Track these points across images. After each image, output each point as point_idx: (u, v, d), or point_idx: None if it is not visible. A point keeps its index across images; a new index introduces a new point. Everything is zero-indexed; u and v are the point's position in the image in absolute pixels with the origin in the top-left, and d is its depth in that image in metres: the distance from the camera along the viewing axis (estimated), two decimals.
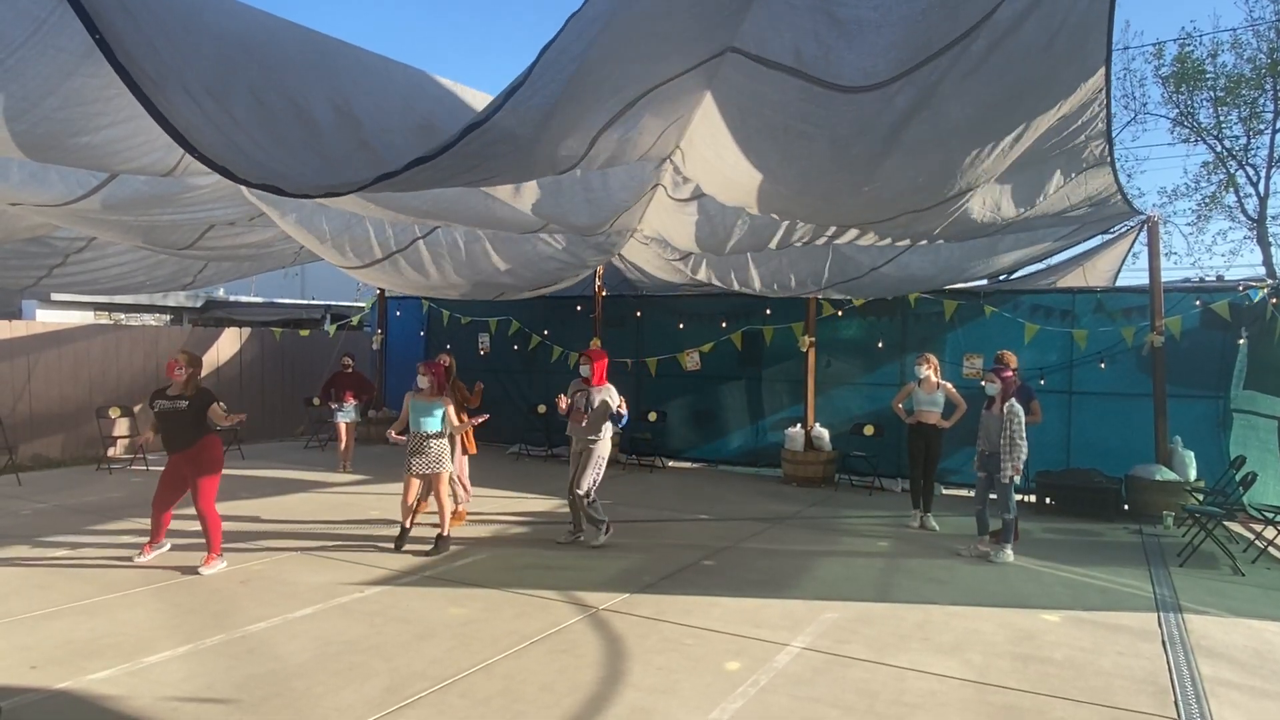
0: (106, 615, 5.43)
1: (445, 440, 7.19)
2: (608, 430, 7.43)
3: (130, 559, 6.67)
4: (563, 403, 7.42)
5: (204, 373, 13.42)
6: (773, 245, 7.99)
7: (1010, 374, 7.39)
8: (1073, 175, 6.34)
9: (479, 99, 5.57)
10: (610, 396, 7.41)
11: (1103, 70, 4.38)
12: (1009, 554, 7.18)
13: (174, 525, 6.93)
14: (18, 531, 7.66)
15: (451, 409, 7.21)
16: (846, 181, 5.18)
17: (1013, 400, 7.18)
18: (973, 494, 7.81)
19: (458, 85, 5.50)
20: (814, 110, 4.17)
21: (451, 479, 7.70)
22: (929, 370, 8.32)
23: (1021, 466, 7.15)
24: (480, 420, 7.94)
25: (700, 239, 7.91)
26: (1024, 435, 7.11)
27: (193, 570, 6.38)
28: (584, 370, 7.51)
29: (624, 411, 7.38)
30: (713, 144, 5.03)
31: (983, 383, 7.50)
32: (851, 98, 4.01)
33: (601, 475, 7.48)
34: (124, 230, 7.35)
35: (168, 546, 6.77)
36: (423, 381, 7.22)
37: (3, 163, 5.40)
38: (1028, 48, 3.86)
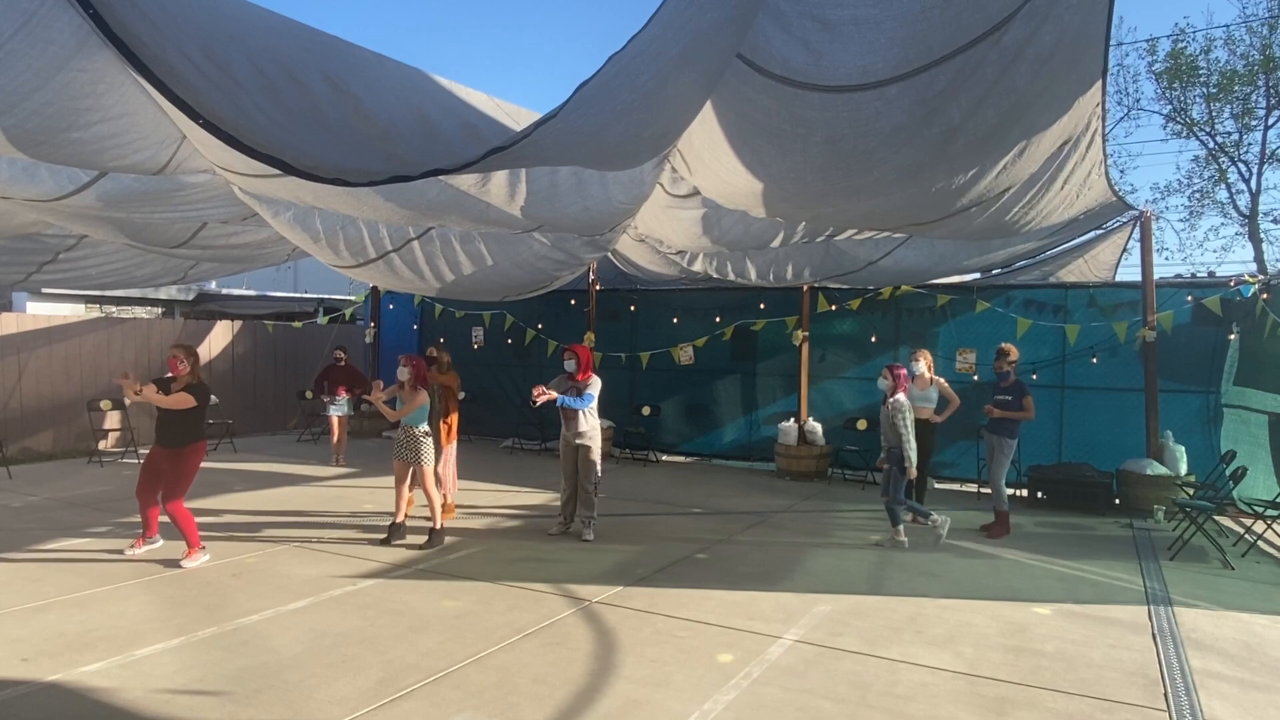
0: (98, 608, 5.42)
1: (426, 432, 7.17)
2: (596, 422, 7.52)
3: (122, 551, 6.66)
4: (542, 395, 7.43)
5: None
6: (775, 244, 7.99)
7: (903, 370, 7.51)
8: (1070, 185, 6.37)
9: (474, 97, 5.56)
10: (596, 388, 7.47)
11: (1099, 84, 4.39)
12: (903, 537, 7.40)
13: (165, 519, 6.91)
14: (8, 524, 7.63)
15: (423, 407, 7.19)
16: (843, 186, 5.18)
17: (899, 396, 7.30)
18: (962, 487, 7.85)
19: (453, 84, 5.48)
20: (807, 113, 4.16)
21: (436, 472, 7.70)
22: (923, 366, 8.33)
23: (914, 460, 7.31)
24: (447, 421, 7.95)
25: (697, 237, 7.92)
26: (909, 426, 7.30)
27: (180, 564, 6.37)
28: (569, 365, 7.49)
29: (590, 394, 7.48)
30: (710, 147, 5.03)
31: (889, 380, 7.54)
32: (848, 97, 4.00)
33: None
34: (115, 228, 7.30)
35: (160, 543, 6.75)
36: (402, 374, 7.15)
37: None
38: (1030, 60, 3.86)
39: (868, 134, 4.36)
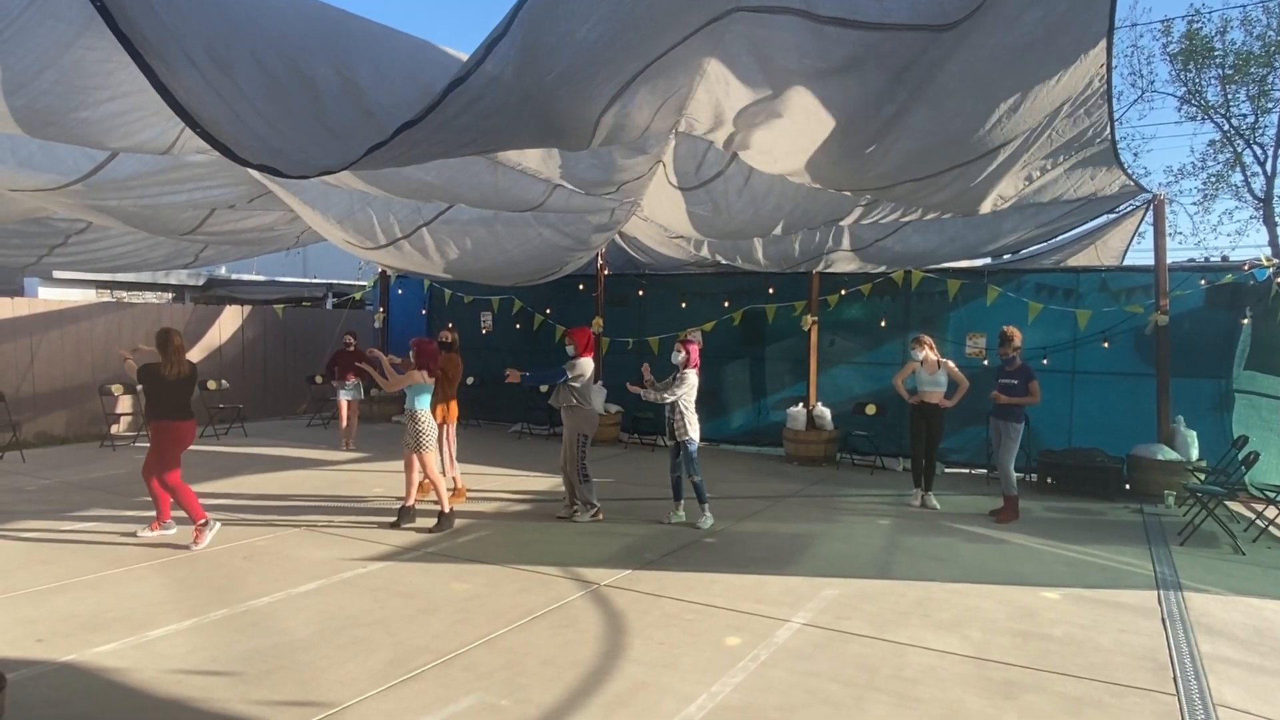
0: (111, 589, 5.47)
1: (424, 416, 7.19)
2: (585, 403, 7.58)
3: (134, 533, 6.72)
4: (513, 376, 7.76)
5: (206, 352, 13.53)
6: (778, 230, 7.90)
7: (696, 346, 7.55)
8: (1075, 164, 6.28)
9: None
10: (575, 368, 7.53)
11: (1104, 43, 4.31)
12: (709, 519, 7.45)
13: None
14: (22, 507, 7.70)
15: (418, 385, 7.25)
16: (873, 125, 5.04)
17: (689, 371, 7.39)
18: (971, 472, 7.79)
19: (464, 55, 5.43)
20: (825, 46, 4.07)
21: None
22: (926, 351, 8.27)
23: (695, 434, 7.40)
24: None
25: (698, 227, 7.89)
26: (688, 403, 7.40)
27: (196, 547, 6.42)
28: (569, 350, 7.67)
29: (567, 369, 7.54)
30: (727, 108, 4.93)
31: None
32: (864, 33, 3.92)
33: (586, 449, 7.62)
34: (123, 216, 7.30)
35: (174, 530, 6.79)
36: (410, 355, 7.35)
37: None
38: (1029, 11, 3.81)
39: (883, 67, 4.25)
